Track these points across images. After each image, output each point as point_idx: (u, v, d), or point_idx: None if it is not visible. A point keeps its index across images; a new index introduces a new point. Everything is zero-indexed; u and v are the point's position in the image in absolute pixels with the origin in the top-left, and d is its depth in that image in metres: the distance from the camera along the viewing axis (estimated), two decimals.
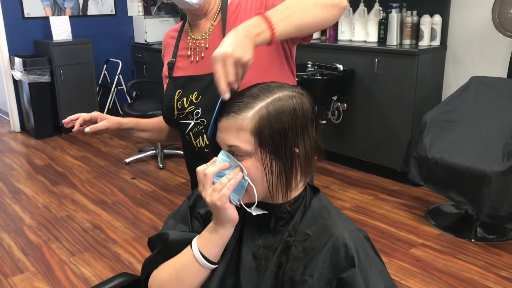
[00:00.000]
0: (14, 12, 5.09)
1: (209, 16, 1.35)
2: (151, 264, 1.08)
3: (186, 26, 1.41)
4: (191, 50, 1.36)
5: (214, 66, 0.94)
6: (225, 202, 0.93)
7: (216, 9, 1.34)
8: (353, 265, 0.91)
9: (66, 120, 1.35)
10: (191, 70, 1.35)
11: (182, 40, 1.42)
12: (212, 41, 1.32)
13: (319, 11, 1.10)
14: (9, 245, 2.94)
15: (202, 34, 1.35)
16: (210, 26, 1.34)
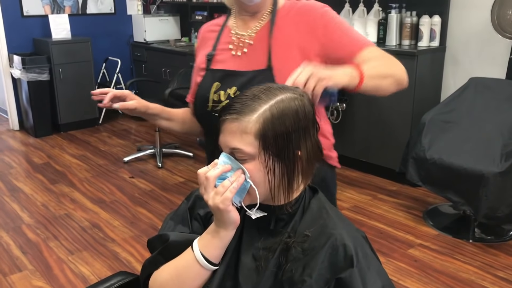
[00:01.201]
0: (13, 10, 5.09)
1: (258, 16, 1.38)
2: (151, 265, 1.08)
3: (231, 22, 1.43)
4: (234, 45, 1.38)
5: (303, 68, 1.06)
6: (228, 205, 0.93)
7: (266, 10, 1.36)
8: (351, 265, 0.92)
9: (96, 92, 1.38)
10: (231, 64, 1.37)
11: (224, 34, 1.43)
12: (258, 39, 1.35)
13: (392, 85, 1.27)
14: (8, 244, 2.94)
15: (247, 31, 1.37)
16: (258, 24, 1.36)
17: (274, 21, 1.34)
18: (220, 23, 1.47)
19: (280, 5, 1.37)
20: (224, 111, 0.97)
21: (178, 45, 5.51)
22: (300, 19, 1.32)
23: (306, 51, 1.30)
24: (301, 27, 1.31)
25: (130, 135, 5.21)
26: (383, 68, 1.26)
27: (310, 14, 1.32)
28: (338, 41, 1.30)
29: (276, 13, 1.35)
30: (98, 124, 5.51)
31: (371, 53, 1.29)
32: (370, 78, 1.19)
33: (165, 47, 5.44)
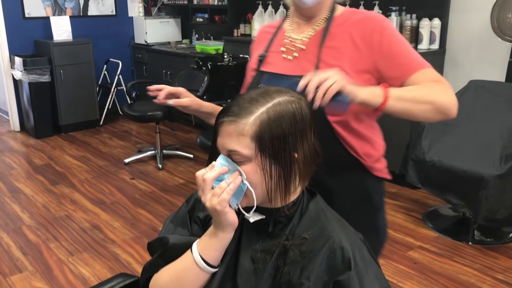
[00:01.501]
0: (14, 12, 5.10)
1: (313, 21, 1.34)
2: (151, 268, 1.08)
3: (287, 24, 1.41)
4: (286, 48, 1.36)
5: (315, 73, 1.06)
6: (224, 207, 0.94)
7: (322, 16, 1.32)
8: (349, 268, 0.92)
9: (152, 88, 1.39)
10: (280, 67, 1.36)
11: (278, 36, 1.41)
12: (310, 44, 1.32)
13: (429, 112, 1.19)
14: (8, 244, 2.94)
15: (301, 35, 1.34)
16: (312, 30, 1.33)
17: (329, 28, 1.30)
18: (277, 25, 1.46)
19: (338, 13, 1.33)
20: (222, 113, 0.98)
21: (179, 47, 5.52)
22: (356, 31, 1.26)
23: (355, 65, 1.25)
24: (355, 39, 1.25)
25: (130, 136, 5.22)
26: (423, 93, 1.18)
27: (367, 27, 1.25)
28: (392, 60, 1.23)
29: (332, 20, 1.31)
30: (99, 125, 5.52)
31: (423, 76, 1.22)
32: (398, 100, 1.14)
33: (166, 49, 5.45)
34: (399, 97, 1.15)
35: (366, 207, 1.36)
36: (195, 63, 4.69)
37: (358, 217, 1.29)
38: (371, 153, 1.32)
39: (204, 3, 5.26)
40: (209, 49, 5.03)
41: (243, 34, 4.98)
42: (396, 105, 1.14)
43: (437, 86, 1.20)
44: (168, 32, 5.84)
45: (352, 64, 1.24)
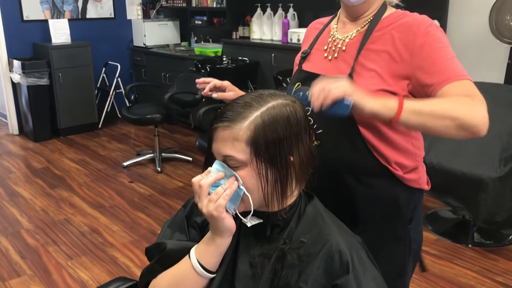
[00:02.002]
0: (13, 15, 5.10)
1: (359, 21, 1.30)
2: (149, 273, 1.08)
3: (333, 23, 1.38)
4: (329, 47, 1.33)
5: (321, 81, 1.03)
6: (221, 212, 0.94)
7: (369, 18, 1.27)
8: (347, 271, 0.92)
9: (199, 80, 1.43)
10: (319, 66, 1.33)
11: (324, 34, 1.39)
12: (351, 46, 1.28)
13: (451, 128, 1.09)
14: (7, 248, 2.93)
15: (344, 35, 1.31)
16: (356, 31, 1.29)
17: (372, 30, 1.24)
18: (325, 22, 1.43)
19: (386, 15, 1.26)
20: (216, 119, 0.97)
21: (178, 50, 5.52)
22: (399, 35, 1.20)
23: (394, 69, 1.19)
24: (397, 43, 1.19)
25: (129, 139, 5.21)
26: (445, 107, 1.09)
27: (411, 31, 1.19)
28: (430, 66, 1.16)
29: (377, 22, 1.25)
30: (98, 128, 5.52)
31: (456, 89, 1.13)
32: (414, 114, 1.07)
33: (164, 52, 5.45)
34: (416, 110, 1.08)
35: (395, 218, 1.29)
36: (194, 65, 4.69)
37: (385, 227, 1.28)
38: (404, 163, 1.26)
39: (203, 5, 5.26)
40: (208, 52, 5.03)
41: (242, 36, 4.98)
42: (412, 119, 1.08)
43: (465, 101, 1.10)
44: (166, 35, 5.84)
45: (390, 68, 1.19)
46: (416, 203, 1.33)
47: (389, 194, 1.26)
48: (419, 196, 1.34)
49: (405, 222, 1.31)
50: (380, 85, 1.18)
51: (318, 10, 4.36)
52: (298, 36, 4.20)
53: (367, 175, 1.24)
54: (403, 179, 1.26)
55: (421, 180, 1.32)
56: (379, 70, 1.19)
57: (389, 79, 1.18)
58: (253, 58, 4.61)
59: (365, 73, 1.21)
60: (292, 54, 4.82)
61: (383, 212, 1.27)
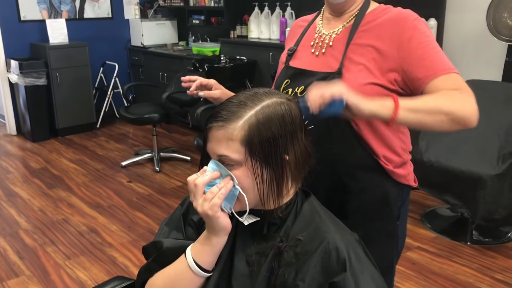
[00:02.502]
0: (10, 15, 5.09)
1: (344, 17, 1.31)
2: (146, 272, 1.08)
3: (318, 19, 1.39)
4: (315, 43, 1.34)
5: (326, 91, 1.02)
6: (216, 211, 0.94)
7: (353, 13, 1.29)
8: (344, 269, 0.92)
9: (185, 78, 1.43)
10: (307, 63, 1.33)
11: (309, 30, 1.39)
12: (337, 41, 1.29)
13: (445, 122, 1.11)
14: (5, 249, 2.93)
15: (331, 31, 1.32)
16: (341, 26, 1.30)
17: (358, 25, 1.26)
18: (310, 19, 1.43)
19: (370, 9, 1.28)
20: (211, 118, 0.97)
21: (176, 49, 5.52)
22: (386, 29, 1.22)
23: (382, 63, 1.21)
24: (384, 37, 1.21)
25: (127, 139, 5.20)
26: (438, 103, 1.12)
27: (398, 25, 1.21)
28: (418, 60, 1.17)
29: (362, 17, 1.27)
30: (96, 128, 5.51)
31: (445, 82, 1.15)
32: (410, 112, 1.09)
33: (162, 51, 5.44)
34: (411, 108, 1.09)
35: (384, 213, 1.31)
36: (192, 65, 4.68)
37: (374, 222, 1.30)
38: (392, 158, 1.27)
39: (201, 5, 5.26)
40: (205, 51, 5.03)
41: (240, 35, 4.98)
42: (408, 117, 1.09)
43: (455, 95, 1.13)
44: (164, 34, 5.83)
45: (378, 62, 1.21)
46: (403, 200, 1.35)
47: (379, 189, 1.28)
48: (407, 193, 1.36)
49: (394, 218, 1.33)
50: (369, 78, 1.20)
51: (315, 8, 4.35)
52: None
53: (358, 168, 1.26)
54: (393, 174, 1.28)
55: (409, 176, 1.33)
56: (367, 64, 1.21)
57: (377, 72, 1.20)
58: (251, 57, 4.61)
59: (354, 67, 1.23)
60: None
61: (372, 207, 1.29)
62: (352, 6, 1.30)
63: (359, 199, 1.27)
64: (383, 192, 1.29)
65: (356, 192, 1.27)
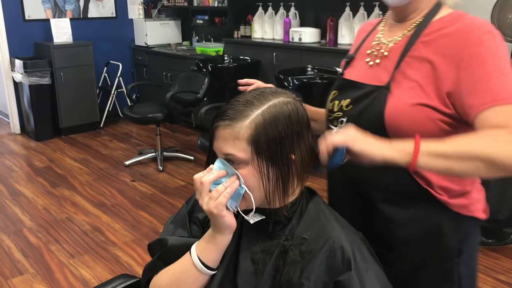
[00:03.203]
0: (15, 14, 5.11)
1: (407, 24, 1.14)
2: (151, 270, 1.09)
3: (381, 25, 1.24)
4: (371, 52, 1.19)
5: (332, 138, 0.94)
6: (221, 210, 0.94)
7: (417, 19, 1.12)
8: (349, 268, 0.92)
9: (242, 81, 1.37)
10: (359, 73, 1.19)
11: (370, 37, 1.25)
12: (394, 51, 1.12)
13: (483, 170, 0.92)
14: (9, 247, 2.94)
15: (390, 39, 1.16)
16: (401, 34, 1.13)
17: (419, 34, 1.09)
18: (374, 23, 1.29)
19: (438, 16, 1.09)
20: (217, 117, 0.97)
21: (179, 49, 5.53)
22: (449, 41, 1.03)
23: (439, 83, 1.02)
24: (446, 51, 1.02)
25: (131, 138, 5.22)
26: (475, 146, 0.92)
27: (462, 38, 1.02)
28: (475, 82, 0.98)
29: (427, 25, 1.09)
30: (99, 127, 5.52)
31: (495, 116, 0.94)
32: (434, 157, 0.92)
33: (166, 51, 5.46)
34: (438, 153, 0.92)
35: (438, 249, 1.11)
36: (195, 65, 4.69)
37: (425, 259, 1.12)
38: (451, 187, 1.08)
39: (204, 5, 5.26)
40: (209, 51, 5.03)
41: (243, 35, 4.98)
42: (432, 164, 0.92)
43: (500, 135, 0.91)
44: (168, 34, 5.84)
45: (434, 80, 1.03)
46: (467, 233, 1.13)
47: (429, 221, 1.10)
48: (472, 226, 1.14)
49: (452, 255, 1.12)
50: (420, 98, 1.03)
51: (319, 9, 4.36)
52: (300, 35, 4.20)
53: (402, 196, 1.09)
54: (448, 204, 1.09)
55: (473, 206, 1.12)
56: (421, 81, 1.04)
57: (431, 92, 1.03)
58: (254, 57, 4.61)
59: (406, 83, 1.06)
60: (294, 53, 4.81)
61: (422, 241, 1.11)
62: (416, 11, 1.12)
63: (404, 231, 1.10)
64: (435, 224, 1.10)
65: (400, 223, 1.10)
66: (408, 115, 1.00)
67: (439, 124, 1.03)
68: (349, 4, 3.98)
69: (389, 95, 1.06)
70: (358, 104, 1.13)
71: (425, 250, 1.11)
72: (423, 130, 1.00)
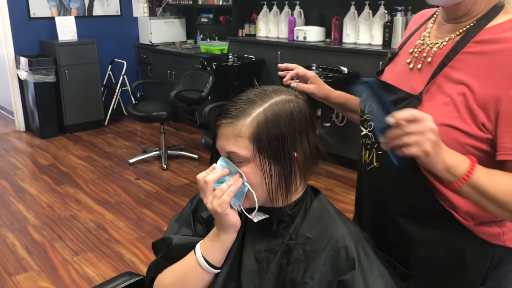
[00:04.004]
0: (20, 12, 5.12)
1: (458, 26, 0.99)
2: (155, 268, 1.09)
3: (430, 21, 1.09)
4: (413, 52, 1.07)
5: (423, 117, 0.80)
6: (225, 209, 0.94)
7: (470, 22, 0.97)
8: (353, 267, 0.92)
9: (282, 66, 1.29)
10: (397, 75, 1.09)
11: (418, 32, 1.11)
12: (438, 57, 0.99)
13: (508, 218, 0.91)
14: (13, 244, 2.95)
15: (435, 41, 1.02)
16: (448, 39, 0.99)
17: (467, 42, 0.94)
18: (429, 14, 1.13)
19: (497, 21, 0.93)
20: (220, 115, 0.97)
21: (184, 47, 5.53)
22: (501, 58, 0.89)
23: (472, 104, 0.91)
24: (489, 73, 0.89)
25: (135, 136, 5.23)
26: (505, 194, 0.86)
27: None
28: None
29: (479, 31, 0.94)
30: (104, 125, 5.53)
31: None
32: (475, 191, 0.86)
33: (170, 49, 5.46)
34: (479, 188, 0.86)
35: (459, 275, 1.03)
36: (200, 63, 4.69)
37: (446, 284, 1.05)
38: (477, 214, 0.99)
39: (209, 3, 5.26)
40: (213, 50, 5.03)
41: (248, 34, 4.98)
42: (470, 195, 0.87)
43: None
44: (172, 33, 5.85)
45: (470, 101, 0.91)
46: (496, 262, 1.03)
47: (450, 243, 1.02)
48: (504, 255, 1.03)
49: (473, 282, 1.04)
50: (451, 118, 0.92)
51: (324, 7, 4.35)
52: (305, 34, 4.19)
53: (423, 214, 1.02)
54: (474, 231, 1.00)
55: (506, 236, 1.01)
56: (457, 99, 0.92)
57: (465, 114, 0.91)
58: (259, 56, 4.61)
59: (440, 97, 0.95)
60: (299, 52, 4.79)
61: (441, 262, 1.03)
62: (469, 15, 0.96)
63: (422, 250, 1.04)
64: (457, 249, 1.01)
65: (419, 242, 1.04)
66: None
67: (467, 149, 0.93)
68: (354, 3, 3.97)
69: (419, 107, 0.96)
70: None
71: (444, 275, 1.04)
72: None
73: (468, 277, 1.03)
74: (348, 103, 1.33)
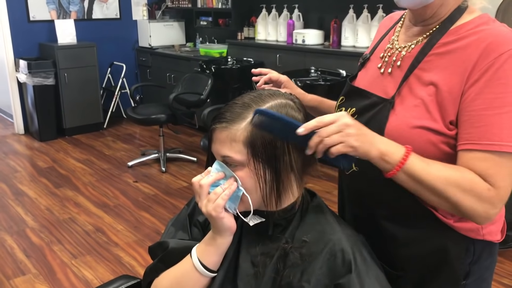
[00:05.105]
0: (19, 15, 5.13)
1: (424, 28, 1.01)
2: (152, 272, 1.09)
3: (399, 24, 1.10)
4: (384, 57, 1.08)
5: (338, 118, 0.86)
6: (220, 212, 0.94)
7: (435, 25, 0.99)
8: (349, 271, 0.92)
9: (255, 71, 1.30)
10: (369, 80, 1.10)
11: (388, 36, 1.12)
12: (406, 61, 1.01)
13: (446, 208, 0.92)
14: (12, 247, 2.95)
15: (403, 45, 1.04)
16: (416, 42, 1.01)
17: (434, 44, 0.97)
18: (396, 18, 1.14)
19: (462, 21, 0.96)
20: (215, 119, 0.97)
21: (183, 51, 5.54)
22: (471, 55, 0.90)
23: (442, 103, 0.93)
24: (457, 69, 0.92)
25: (134, 139, 5.23)
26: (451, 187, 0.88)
27: (487, 55, 0.88)
28: (473, 116, 0.89)
29: (445, 32, 0.96)
30: (103, 128, 5.53)
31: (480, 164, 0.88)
32: (411, 178, 0.89)
33: (170, 52, 5.47)
34: (415, 175, 0.88)
35: (443, 271, 1.04)
36: (199, 66, 4.70)
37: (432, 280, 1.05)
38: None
39: (208, 6, 5.27)
40: (213, 53, 5.04)
41: (247, 37, 4.99)
42: (406, 182, 0.90)
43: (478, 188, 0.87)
44: (172, 36, 5.85)
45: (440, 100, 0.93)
46: (477, 256, 1.04)
47: (433, 241, 1.03)
48: (484, 248, 1.05)
49: (458, 278, 1.04)
50: (423, 119, 0.94)
51: (323, 11, 4.36)
52: (303, 37, 4.20)
53: (405, 214, 1.03)
54: (454, 227, 1.01)
55: (485, 230, 1.03)
56: (427, 99, 0.94)
57: (436, 113, 0.94)
58: (258, 59, 4.61)
59: (410, 100, 0.97)
60: (297, 55, 4.80)
61: (425, 260, 1.05)
62: (435, 17, 0.99)
63: (407, 250, 1.05)
64: (440, 246, 1.02)
65: (403, 242, 1.05)
66: (408, 138, 0.93)
67: (441, 147, 0.95)
68: (352, 6, 3.98)
69: (391, 111, 0.98)
70: (362, 115, 1.05)
71: (429, 272, 1.05)
72: (422, 154, 0.91)
73: (453, 273, 1.04)
74: (320, 106, 1.33)
